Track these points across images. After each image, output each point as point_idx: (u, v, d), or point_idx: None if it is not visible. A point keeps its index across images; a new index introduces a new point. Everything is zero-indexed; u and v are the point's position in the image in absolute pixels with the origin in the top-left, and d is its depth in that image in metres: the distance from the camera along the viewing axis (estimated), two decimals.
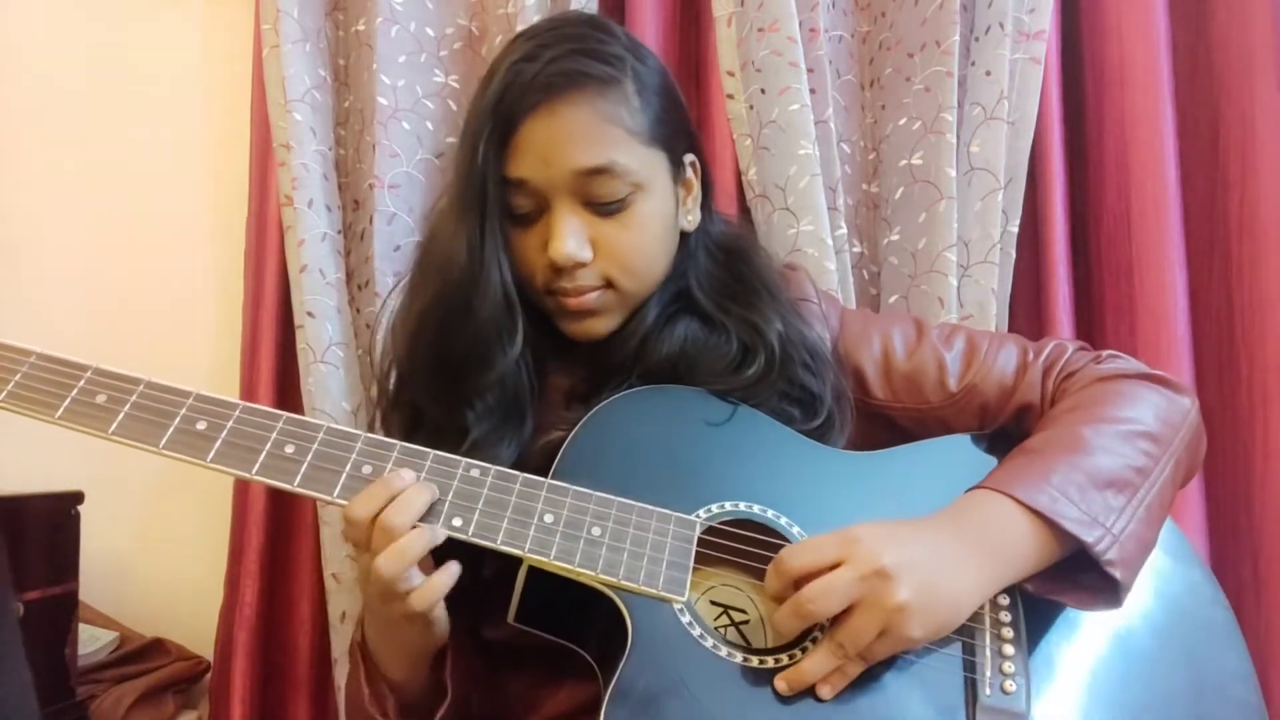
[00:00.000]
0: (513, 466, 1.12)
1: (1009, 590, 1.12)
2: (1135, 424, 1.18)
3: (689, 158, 1.34)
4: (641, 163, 1.24)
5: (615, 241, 1.24)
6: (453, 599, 1.14)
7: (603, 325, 1.29)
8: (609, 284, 1.26)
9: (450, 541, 1.05)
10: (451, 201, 1.27)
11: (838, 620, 1.03)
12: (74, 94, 1.97)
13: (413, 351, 1.30)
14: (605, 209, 1.24)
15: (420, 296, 1.29)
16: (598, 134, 1.22)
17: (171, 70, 1.98)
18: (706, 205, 1.38)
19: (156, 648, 1.81)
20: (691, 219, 1.35)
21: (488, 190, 1.23)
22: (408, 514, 1.03)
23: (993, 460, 1.24)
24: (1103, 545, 1.07)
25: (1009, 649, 1.09)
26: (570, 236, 1.22)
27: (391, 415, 1.35)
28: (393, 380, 1.35)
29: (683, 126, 1.34)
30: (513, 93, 1.22)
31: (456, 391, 1.25)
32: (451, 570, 1.06)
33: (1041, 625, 1.13)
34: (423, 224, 1.72)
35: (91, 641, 1.73)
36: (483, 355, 1.24)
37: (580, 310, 1.27)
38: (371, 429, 1.38)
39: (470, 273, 1.23)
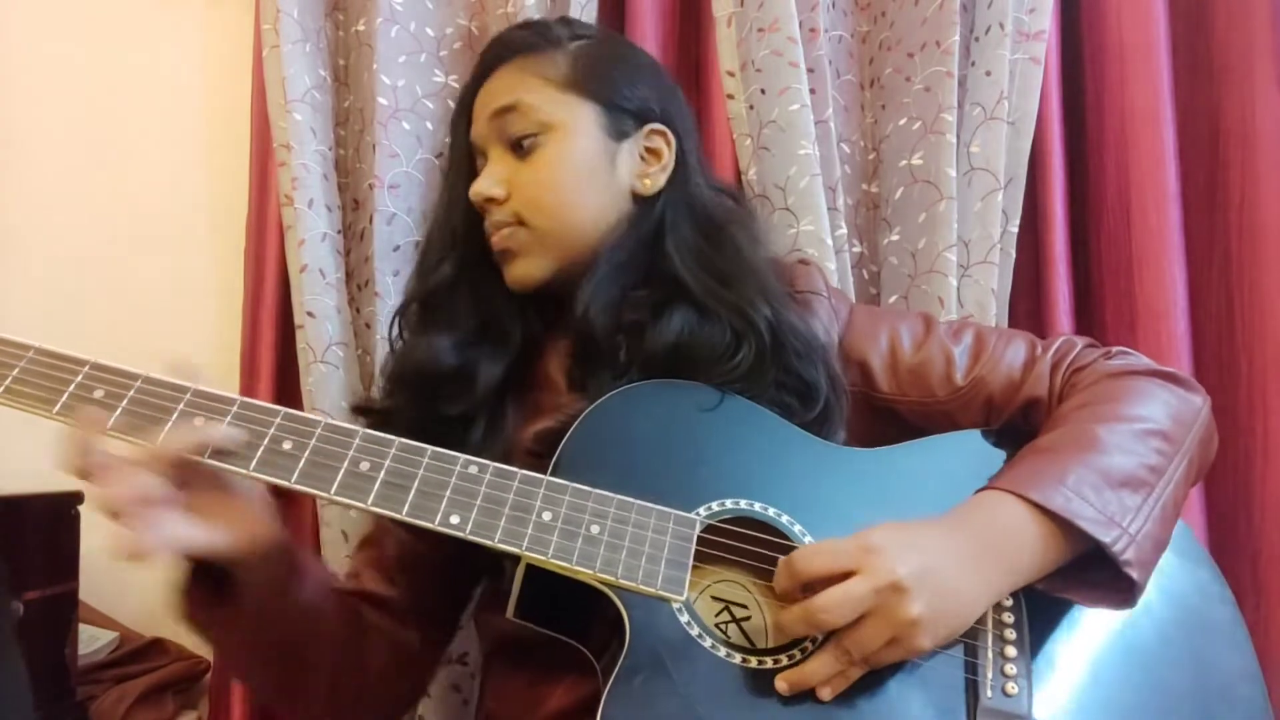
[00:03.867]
0: (500, 454, 1.13)
1: (1013, 591, 1.12)
2: (1148, 422, 1.17)
3: (653, 126, 1.38)
4: (553, 105, 1.34)
5: (526, 179, 1.33)
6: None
7: (523, 268, 1.35)
8: (521, 222, 1.33)
9: (450, 540, 1.06)
10: None
11: (846, 626, 1.01)
12: (74, 94, 1.97)
13: (404, 301, 1.46)
14: (520, 148, 1.34)
15: None
16: (513, 82, 1.36)
17: (171, 70, 1.98)
18: (687, 179, 1.40)
19: (156, 648, 1.81)
20: (649, 183, 1.37)
21: (453, 158, 1.44)
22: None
23: (999, 455, 1.24)
24: (1120, 545, 1.06)
25: (1011, 650, 1.08)
26: (487, 176, 1.35)
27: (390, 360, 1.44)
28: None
29: (643, 94, 1.39)
30: (470, 76, 1.44)
31: (423, 312, 1.40)
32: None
33: (1044, 627, 1.12)
34: (422, 224, 1.72)
35: (91, 641, 1.73)
36: (425, 275, 1.40)
37: (499, 250, 1.35)
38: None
39: (432, 223, 1.45)
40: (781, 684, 1.02)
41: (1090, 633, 1.14)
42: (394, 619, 1.34)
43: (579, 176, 1.33)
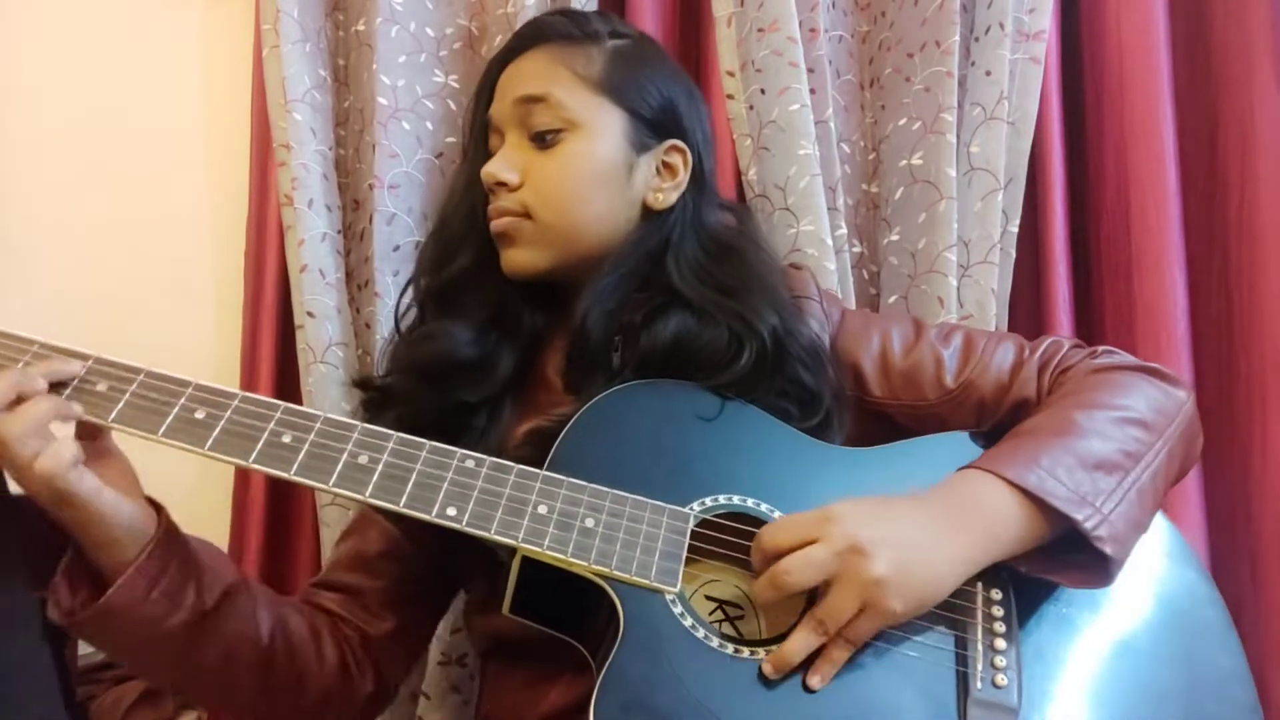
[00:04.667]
0: (495, 451, 1.14)
1: (1001, 585, 1.13)
2: (1128, 411, 1.19)
3: (673, 142, 1.38)
4: (582, 104, 1.33)
5: (541, 173, 1.32)
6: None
7: (520, 256, 1.34)
8: (527, 213, 1.32)
9: (451, 537, 1.06)
10: None
11: (818, 598, 1.04)
12: (74, 94, 1.97)
13: (416, 273, 1.45)
14: (541, 141, 1.34)
15: None
16: (545, 71, 1.35)
17: (172, 70, 1.98)
18: (700, 199, 1.40)
19: None
20: (661, 198, 1.36)
21: (473, 134, 1.43)
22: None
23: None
24: (1091, 523, 1.08)
25: (1001, 643, 1.09)
26: (501, 160, 1.34)
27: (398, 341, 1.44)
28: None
29: (671, 110, 1.39)
30: (499, 51, 1.43)
31: (436, 294, 1.39)
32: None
33: (1034, 619, 1.14)
34: (423, 223, 1.73)
35: None
36: (445, 259, 1.39)
37: (499, 233, 1.34)
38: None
39: (451, 199, 1.44)
40: (767, 668, 1.03)
41: (1080, 628, 1.15)
42: (365, 610, 1.35)
43: (595, 180, 1.33)
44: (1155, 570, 1.21)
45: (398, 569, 1.37)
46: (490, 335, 1.34)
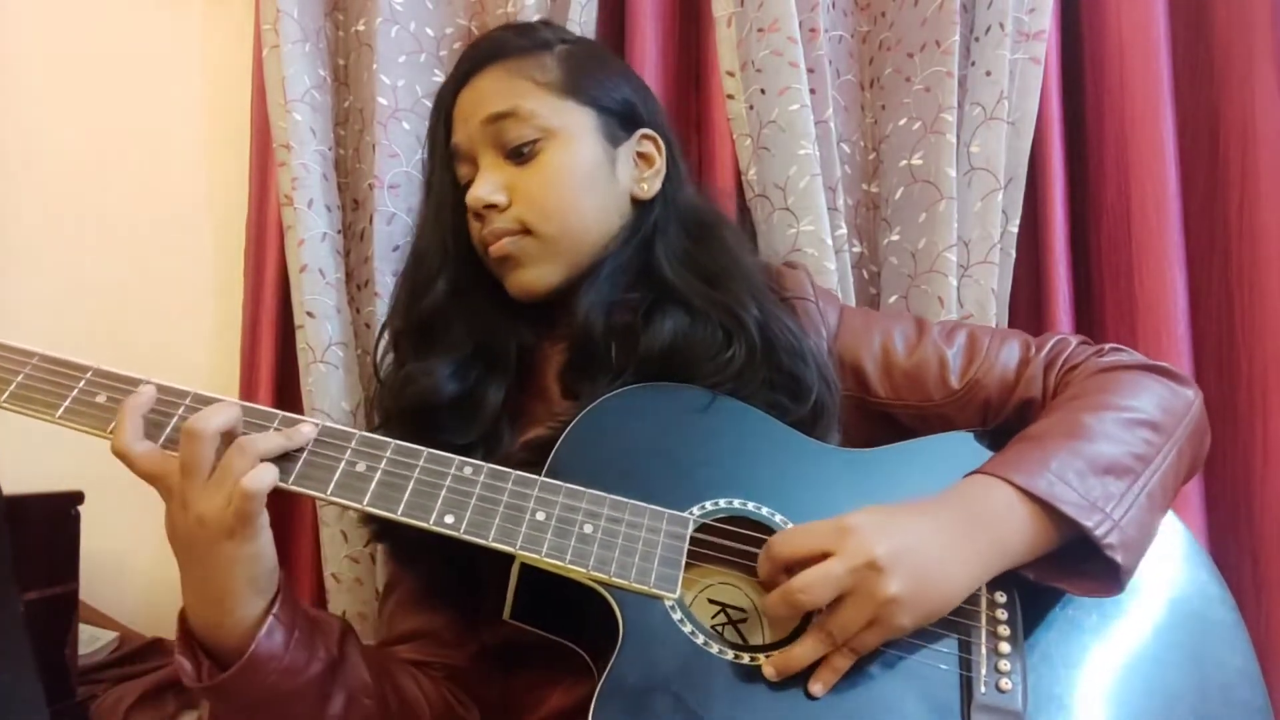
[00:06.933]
0: (497, 457, 1.13)
1: (1006, 587, 1.12)
2: (1137, 412, 1.18)
3: (644, 131, 1.40)
4: (552, 111, 1.33)
5: (529, 186, 1.31)
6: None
7: (531, 276, 1.34)
8: (526, 230, 1.31)
9: (445, 543, 1.06)
10: None
11: (828, 609, 1.03)
12: (74, 94, 1.97)
13: (391, 308, 1.48)
14: (519, 155, 1.32)
15: None
16: (505, 86, 1.35)
17: (171, 70, 1.98)
18: (675, 181, 1.42)
19: (156, 648, 1.81)
20: (647, 187, 1.38)
21: (435, 165, 1.41)
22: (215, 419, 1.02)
23: (992, 455, 1.24)
24: (1102, 530, 1.07)
25: (1005, 647, 1.08)
26: (485, 182, 1.33)
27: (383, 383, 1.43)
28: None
29: (631, 100, 1.41)
30: (449, 78, 1.42)
31: (412, 330, 1.39)
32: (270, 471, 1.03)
33: (1040, 622, 1.13)
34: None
35: (91, 641, 1.73)
36: (419, 294, 1.38)
37: (501, 257, 1.33)
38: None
39: (420, 236, 1.43)
40: (769, 669, 1.03)
41: (1087, 631, 1.14)
42: (443, 645, 1.34)
43: (583, 182, 1.33)
44: (1166, 571, 1.20)
45: (447, 600, 1.35)
46: (473, 369, 1.33)
